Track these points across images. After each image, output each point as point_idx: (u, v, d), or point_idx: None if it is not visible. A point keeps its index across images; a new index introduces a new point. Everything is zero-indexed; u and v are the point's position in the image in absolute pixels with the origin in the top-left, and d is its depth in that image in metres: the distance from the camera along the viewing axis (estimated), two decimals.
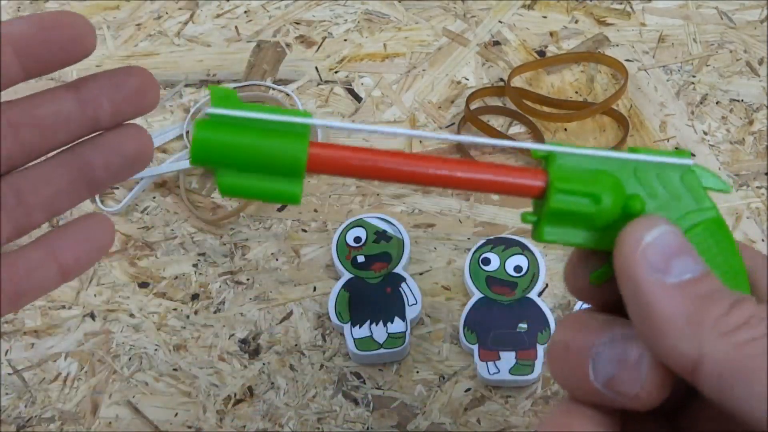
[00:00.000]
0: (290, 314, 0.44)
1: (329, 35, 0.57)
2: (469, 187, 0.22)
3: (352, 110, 0.52)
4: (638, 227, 0.21)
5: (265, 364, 0.42)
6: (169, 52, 0.56)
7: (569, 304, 0.43)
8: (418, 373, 0.41)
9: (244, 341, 0.43)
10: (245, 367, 0.42)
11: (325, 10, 0.58)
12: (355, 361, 0.42)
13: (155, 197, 0.49)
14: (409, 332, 0.41)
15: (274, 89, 0.54)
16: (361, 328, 0.42)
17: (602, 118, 0.51)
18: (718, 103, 0.52)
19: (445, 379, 0.41)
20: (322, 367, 0.42)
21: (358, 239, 0.45)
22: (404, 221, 0.46)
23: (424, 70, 0.54)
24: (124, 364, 0.42)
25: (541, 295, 0.43)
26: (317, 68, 0.55)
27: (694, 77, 0.53)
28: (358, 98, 0.53)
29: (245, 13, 0.59)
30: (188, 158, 0.21)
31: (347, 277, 0.43)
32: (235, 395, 0.41)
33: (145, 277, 0.45)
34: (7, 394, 0.41)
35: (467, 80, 0.54)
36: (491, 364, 0.40)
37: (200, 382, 0.42)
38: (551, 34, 0.56)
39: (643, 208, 0.21)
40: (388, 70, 0.54)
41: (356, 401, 0.41)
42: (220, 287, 0.45)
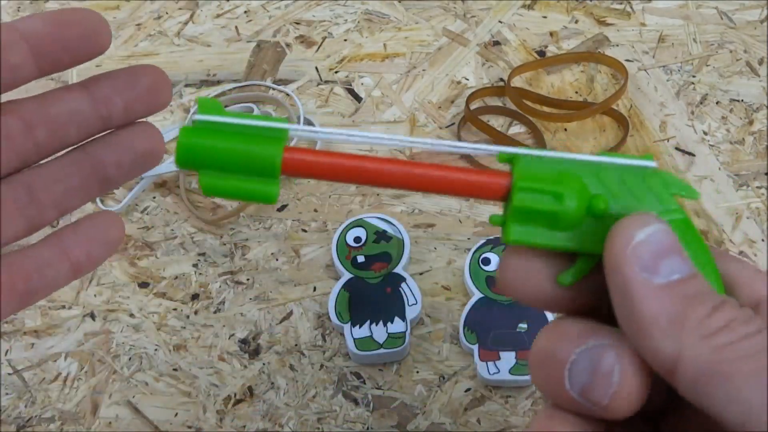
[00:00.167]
0: (290, 314, 0.44)
1: (329, 35, 0.57)
2: (435, 188, 0.23)
3: (352, 110, 0.52)
4: (631, 224, 0.21)
5: (265, 364, 0.42)
6: (169, 52, 0.56)
7: None
8: (418, 373, 0.41)
9: (244, 341, 0.43)
10: (245, 367, 0.42)
11: (325, 10, 0.58)
12: (355, 361, 0.42)
13: (155, 197, 0.49)
14: (409, 332, 0.41)
15: (274, 89, 0.54)
16: (361, 328, 0.42)
17: (602, 118, 0.51)
18: (718, 103, 0.52)
19: (445, 379, 0.41)
20: (322, 367, 0.42)
21: (358, 239, 0.45)
22: (404, 221, 0.46)
23: (424, 70, 0.54)
24: (124, 364, 0.42)
25: None
26: (317, 68, 0.55)
27: (694, 77, 0.53)
28: (358, 98, 0.53)
29: (245, 13, 0.59)
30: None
31: (347, 277, 0.43)
32: (235, 395, 0.41)
33: (145, 277, 0.45)
34: (7, 394, 0.41)
35: (467, 80, 0.54)
36: (491, 364, 0.40)
37: (200, 382, 0.42)
38: (551, 34, 0.56)
39: (607, 207, 0.22)
40: (388, 70, 0.54)
41: (356, 401, 0.41)
42: (220, 287, 0.45)
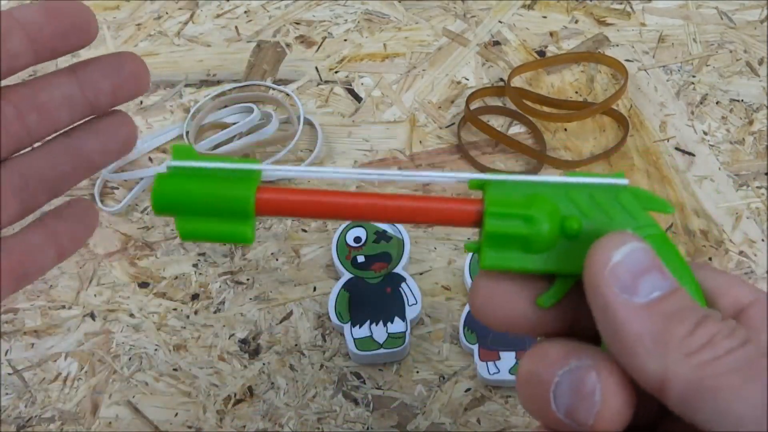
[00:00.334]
0: (290, 314, 0.44)
1: (329, 35, 0.57)
2: (409, 219, 0.23)
3: (352, 110, 0.52)
4: (607, 244, 0.21)
5: (265, 364, 0.42)
6: (169, 52, 0.56)
7: None
8: (418, 373, 0.41)
9: (244, 341, 0.43)
10: (245, 367, 0.42)
11: (325, 10, 0.58)
12: (355, 361, 0.42)
13: None
14: (409, 332, 0.41)
15: (274, 89, 0.54)
16: (361, 328, 0.42)
17: (602, 118, 0.51)
18: (718, 103, 0.52)
19: (445, 379, 0.41)
20: (322, 367, 0.42)
21: (358, 239, 0.45)
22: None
23: (424, 70, 0.54)
24: (124, 364, 0.42)
25: None
26: (317, 68, 0.55)
27: (694, 77, 0.53)
28: (358, 98, 0.53)
29: (245, 13, 0.59)
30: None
31: (347, 277, 0.43)
32: (235, 395, 0.41)
33: (145, 277, 0.45)
34: (7, 394, 0.41)
35: (467, 80, 0.54)
36: (491, 364, 0.40)
37: (200, 382, 0.42)
38: (551, 34, 0.56)
39: (580, 227, 0.22)
40: (388, 70, 0.54)
41: (356, 401, 0.41)
42: (220, 287, 0.45)
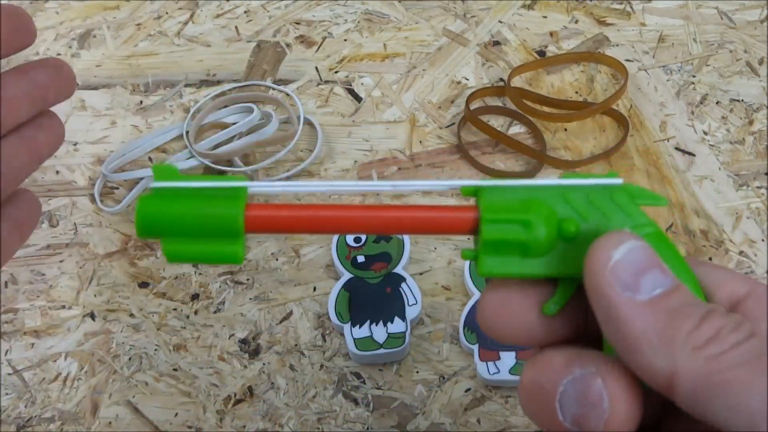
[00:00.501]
0: (290, 314, 0.44)
1: (329, 35, 0.57)
2: (403, 230, 0.22)
3: (352, 110, 0.52)
4: (606, 244, 0.21)
5: (265, 364, 0.42)
6: (169, 52, 0.56)
7: None
8: (418, 373, 0.41)
9: (244, 341, 0.43)
10: (245, 367, 0.42)
11: (325, 10, 0.58)
12: (355, 361, 0.42)
13: None
14: (409, 332, 0.41)
15: (274, 89, 0.54)
16: (361, 328, 0.42)
17: (602, 118, 0.51)
18: (718, 103, 0.52)
19: (445, 379, 0.41)
20: (322, 367, 0.42)
21: (358, 239, 0.45)
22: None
23: (424, 70, 0.54)
24: (124, 364, 0.42)
25: None
26: (317, 68, 0.55)
27: (694, 77, 0.53)
28: (358, 98, 0.53)
29: (245, 13, 0.59)
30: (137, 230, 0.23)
31: (347, 277, 0.43)
32: (235, 395, 0.41)
33: (145, 277, 0.45)
34: (7, 394, 0.41)
35: (467, 80, 0.54)
36: (491, 364, 0.40)
37: (200, 382, 0.42)
38: (551, 34, 0.56)
39: (578, 229, 0.22)
40: (388, 70, 0.54)
41: (356, 401, 0.41)
42: (220, 287, 0.45)
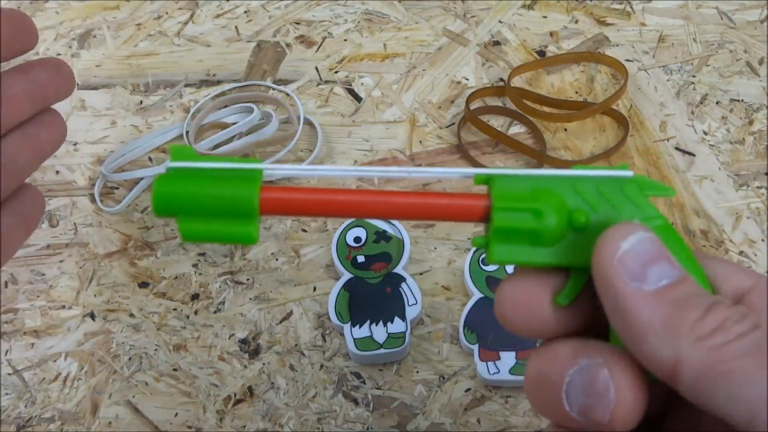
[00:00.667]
0: (290, 314, 0.44)
1: (329, 35, 0.57)
2: (415, 216, 0.23)
3: (352, 110, 0.52)
4: (615, 234, 0.21)
5: (265, 364, 0.42)
6: (169, 52, 0.56)
7: None
8: (418, 373, 0.41)
9: (244, 341, 0.43)
10: (245, 367, 0.42)
11: (325, 10, 0.58)
12: (355, 361, 0.42)
13: None
14: (409, 332, 0.41)
15: (274, 89, 0.54)
16: (361, 328, 0.42)
17: (602, 118, 0.51)
18: (718, 103, 0.52)
19: (445, 379, 0.41)
20: (322, 367, 0.42)
21: (358, 239, 0.45)
22: (405, 221, 0.46)
23: (424, 70, 0.54)
24: (124, 364, 0.42)
25: None
26: (317, 68, 0.55)
27: (694, 77, 0.53)
28: (358, 98, 0.53)
29: (245, 13, 0.59)
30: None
31: (347, 277, 0.43)
32: (235, 395, 0.41)
33: (145, 277, 0.45)
34: (7, 394, 0.41)
35: (467, 80, 0.54)
36: (491, 364, 0.40)
37: (200, 382, 0.42)
38: (551, 34, 0.56)
39: (587, 220, 0.22)
40: (388, 70, 0.54)
41: (356, 401, 0.41)
42: (220, 287, 0.45)
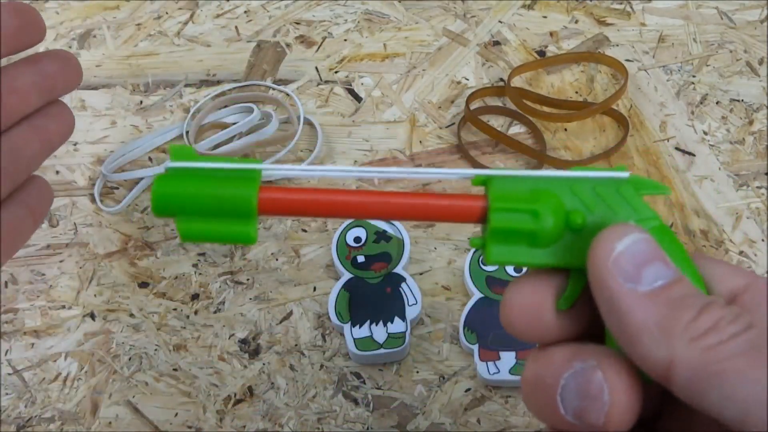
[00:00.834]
0: (290, 314, 0.44)
1: (329, 35, 0.57)
2: (413, 216, 0.23)
3: (352, 110, 0.52)
4: (610, 236, 0.21)
5: (265, 364, 0.42)
6: (169, 52, 0.56)
7: None
8: (418, 373, 0.41)
9: (244, 341, 0.43)
10: (245, 367, 0.42)
11: (325, 10, 0.58)
12: (355, 361, 0.42)
13: None
14: (409, 332, 0.41)
15: (274, 89, 0.54)
16: (361, 328, 0.42)
17: (602, 118, 0.51)
18: (718, 103, 0.52)
19: (445, 379, 0.41)
20: (322, 367, 0.42)
21: (358, 239, 0.45)
22: (403, 221, 0.46)
23: (424, 70, 0.54)
24: (124, 364, 0.42)
25: None
26: (317, 68, 0.55)
27: (694, 77, 0.53)
28: (358, 98, 0.53)
29: (245, 13, 0.59)
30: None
31: (347, 277, 0.43)
32: (235, 395, 0.41)
33: (145, 277, 0.45)
34: (7, 394, 0.41)
35: (467, 80, 0.54)
36: (491, 364, 0.40)
37: (200, 382, 0.42)
38: (551, 34, 0.56)
39: (584, 221, 0.22)
40: (388, 70, 0.54)
41: (356, 401, 0.41)
42: (220, 287, 0.45)
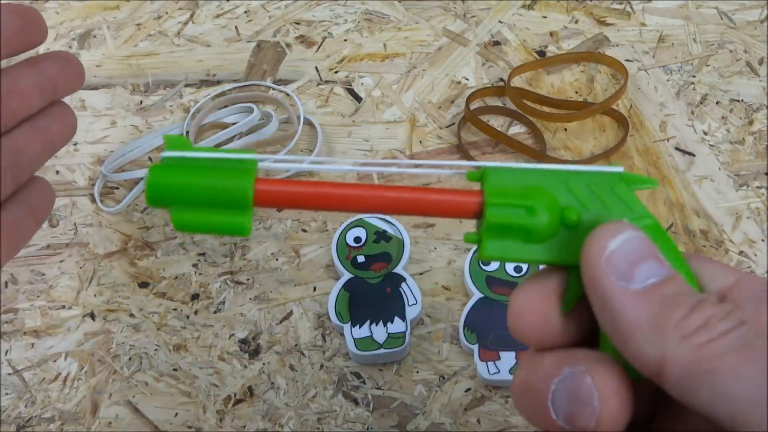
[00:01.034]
0: (290, 314, 0.44)
1: (329, 35, 0.57)
2: (408, 211, 0.23)
3: (352, 110, 0.52)
4: (603, 233, 0.21)
5: (265, 364, 0.42)
6: (169, 52, 0.56)
7: None
8: (418, 373, 0.41)
9: (244, 341, 0.43)
10: (245, 367, 0.42)
11: (325, 10, 0.58)
12: (355, 361, 0.42)
13: None
14: (409, 332, 0.41)
15: (274, 89, 0.54)
16: (361, 328, 0.42)
17: (602, 118, 0.51)
18: (718, 103, 0.52)
19: (445, 379, 0.41)
20: (322, 367, 0.42)
21: (358, 239, 0.45)
22: (404, 221, 0.46)
23: (424, 70, 0.54)
24: (124, 364, 0.42)
25: None
26: (317, 68, 0.55)
27: (694, 77, 0.53)
28: (358, 98, 0.53)
29: (245, 13, 0.59)
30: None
31: (347, 277, 0.43)
32: (235, 395, 0.41)
33: (145, 277, 0.45)
34: (7, 394, 0.41)
35: (467, 80, 0.54)
36: (491, 364, 0.40)
37: (200, 382, 0.42)
38: (551, 34, 0.56)
39: (579, 218, 0.22)
40: (388, 70, 0.54)
41: (356, 401, 0.41)
42: (220, 287, 0.45)
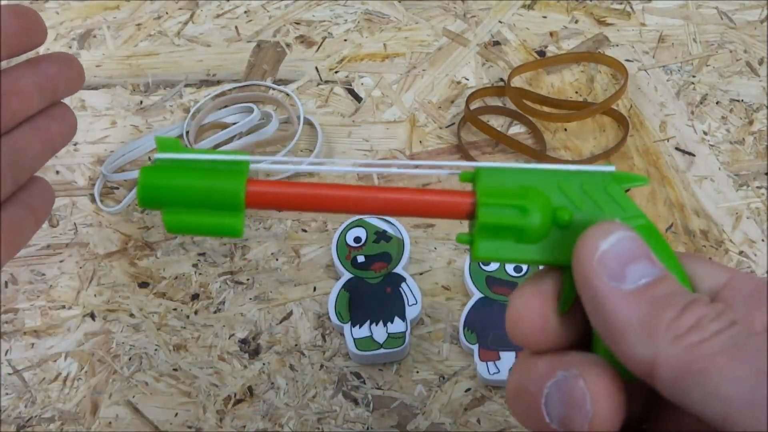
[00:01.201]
0: (290, 314, 0.44)
1: (329, 35, 0.57)
2: (401, 212, 0.23)
3: (352, 110, 0.52)
4: (595, 234, 0.21)
5: (265, 364, 0.42)
6: (169, 52, 0.56)
7: None
8: (418, 373, 0.41)
9: (244, 341, 0.43)
10: (245, 367, 0.42)
11: (325, 10, 0.58)
12: (355, 361, 0.42)
13: None
14: (409, 332, 0.41)
15: (274, 89, 0.54)
16: (361, 328, 0.42)
17: (602, 118, 0.51)
18: (718, 103, 0.52)
19: (445, 379, 0.41)
20: (322, 367, 0.42)
21: (358, 239, 0.45)
22: (404, 221, 0.46)
23: (424, 70, 0.54)
24: (124, 364, 0.42)
25: None
26: (317, 68, 0.55)
27: (694, 77, 0.53)
28: (358, 98, 0.53)
29: (245, 13, 0.59)
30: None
31: (347, 277, 0.43)
32: (235, 395, 0.41)
33: (145, 277, 0.45)
34: (7, 394, 0.41)
35: (467, 80, 0.54)
36: (491, 364, 0.40)
37: (200, 382, 0.42)
38: (551, 34, 0.56)
39: (571, 218, 0.22)
40: (388, 70, 0.54)
41: (356, 401, 0.41)
42: (220, 287, 0.45)
